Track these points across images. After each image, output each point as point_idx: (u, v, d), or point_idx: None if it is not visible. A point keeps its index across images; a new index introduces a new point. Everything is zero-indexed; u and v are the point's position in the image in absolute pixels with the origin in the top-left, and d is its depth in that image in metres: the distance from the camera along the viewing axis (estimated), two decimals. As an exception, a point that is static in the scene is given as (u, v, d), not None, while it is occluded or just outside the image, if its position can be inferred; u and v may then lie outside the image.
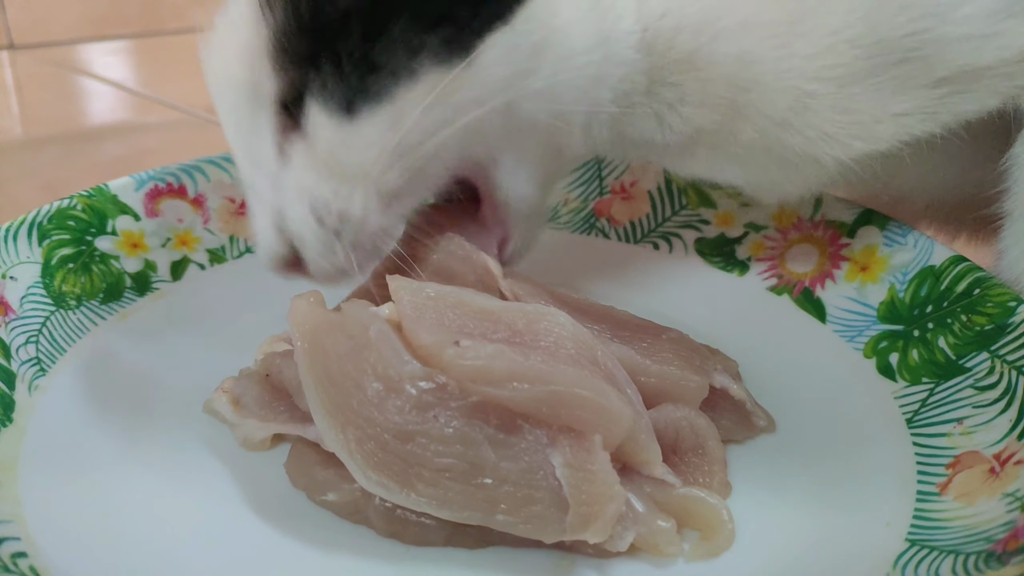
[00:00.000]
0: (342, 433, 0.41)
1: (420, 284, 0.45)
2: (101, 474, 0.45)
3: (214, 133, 1.09)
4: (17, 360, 0.50)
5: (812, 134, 0.48)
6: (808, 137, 0.48)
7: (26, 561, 0.38)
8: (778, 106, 0.47)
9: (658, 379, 0.46)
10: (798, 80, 0.46)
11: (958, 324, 0.50)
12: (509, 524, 0.39)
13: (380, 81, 0.42)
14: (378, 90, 0.42)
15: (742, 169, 0.52)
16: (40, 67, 1.41)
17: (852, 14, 0.45)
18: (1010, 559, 0.35)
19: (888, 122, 0.47)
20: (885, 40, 0.45)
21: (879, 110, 0.47)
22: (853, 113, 0.47)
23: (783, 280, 0.61)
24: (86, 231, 0.59)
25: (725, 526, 0.41)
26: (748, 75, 0.47)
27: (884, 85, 0.46)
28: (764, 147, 0.49)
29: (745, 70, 0.47)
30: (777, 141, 0.49)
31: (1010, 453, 0.42)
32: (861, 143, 0.48)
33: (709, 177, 0.55)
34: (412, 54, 0.41)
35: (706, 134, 0.50)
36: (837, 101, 0.46)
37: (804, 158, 0.49)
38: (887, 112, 0.47)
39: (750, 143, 0.49)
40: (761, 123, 0.48)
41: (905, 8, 0.44)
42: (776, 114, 0.47)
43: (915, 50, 0.45)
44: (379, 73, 0.42)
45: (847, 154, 0.48)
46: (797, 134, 0.48)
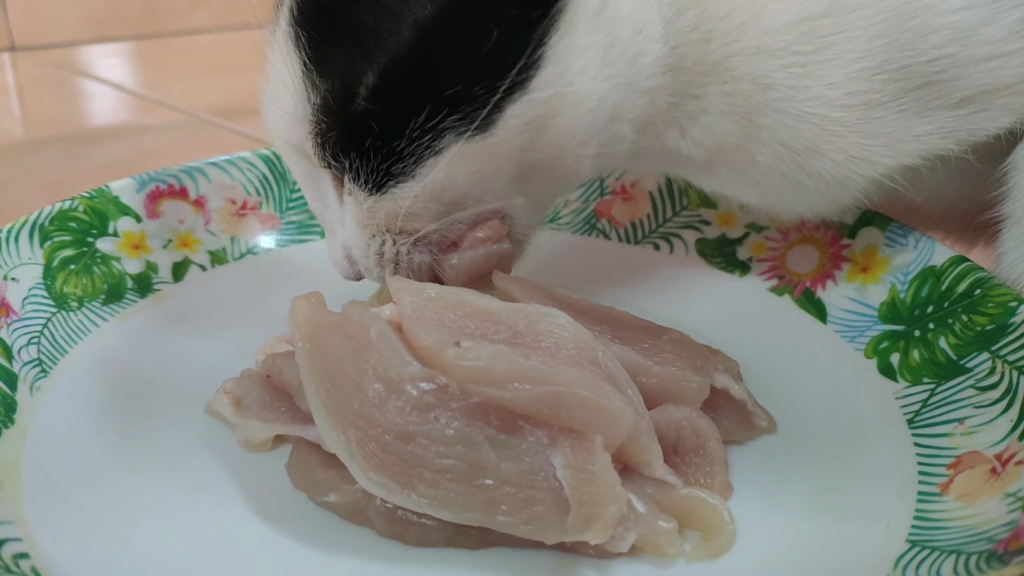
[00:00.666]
0: (343, 434, 0.41)
1: (421, 285, 0.46)
2: (102, 475, 0.45)
3: (215, 135, 1.10)
4: (19, 361, 0.50)
5: (840, 158, 0.48)
6: (836, 161, 0.48)
7: (28, 562, 0.38)
8: (801, 135, 0.47)
9: (659, 380, 0.46)
10: (823, 109, 0.46)
11: (959, 324, 0.50)
12: (510, 525, 0.39)
13: (405, 166, 0.44)
14: (404, 172, 0.44)
15: (759, 192, 0.53)
16: (41, 69, 1.41)
17: (875, 41, 0.45)
18: (1012, 559, 0.35)
19: (911, 141, 0.48)
20: (909, 66, 0.45)
21: (903, 131, 0.47)
22: (879, 136, 0.47)
23: (784, 280, 0.61)
24: (87, 232, 0.59)
25: (726, 527, 0.41)
26: (763, 99, 0.47)
27: (907, 107, 0.46)
28: (779, 171, 0.50)
29: (760, 93, 0.47)
30: (798, 167, 0.49)
31: (1011, 453, 0.42)
32: (887, 160, 0.48)
33: (731, 196, 0.56)
34: (435, 139, 0.43)
35: (726, 152, 0.50)
36: (863, 126, 0.47)
37: (830, 181, 0.49)
38: (911, 133, 0.47)
39: (766, 166, 0.50)
40: (776, 149, 0.48)
41: (928, 34, 0.45)
42: (798, 143, 0.48)
43: (938, 73, 0.45)
44: (405, 161, 0.44)
45: (875, 171, 0.49)
46: (824, 159, 0.48)
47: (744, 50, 0.46)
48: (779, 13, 0.45)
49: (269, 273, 0.64)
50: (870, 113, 0.46)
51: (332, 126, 0.45)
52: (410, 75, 0.43)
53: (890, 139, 0.47)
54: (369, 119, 0.43)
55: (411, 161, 0.44)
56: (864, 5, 0.45)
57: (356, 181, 0.46)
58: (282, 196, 0.68)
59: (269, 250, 0.66)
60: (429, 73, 0.43)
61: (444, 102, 0.42)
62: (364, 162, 0.45)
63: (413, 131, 0.43)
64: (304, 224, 0.68)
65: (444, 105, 0.42)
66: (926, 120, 0.47)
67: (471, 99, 0.43)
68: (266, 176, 0.67)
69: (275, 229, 0.67)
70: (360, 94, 0.43)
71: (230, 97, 1.25)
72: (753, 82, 0.47)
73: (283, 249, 0.66)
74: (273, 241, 0.66)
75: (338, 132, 0.45)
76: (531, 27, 0.42)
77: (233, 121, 1.13)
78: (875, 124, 0.47)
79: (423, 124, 0.43)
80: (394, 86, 0.43)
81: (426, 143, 0.43)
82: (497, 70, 0.42)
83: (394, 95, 0.43)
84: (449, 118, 0.43)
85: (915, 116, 0.47)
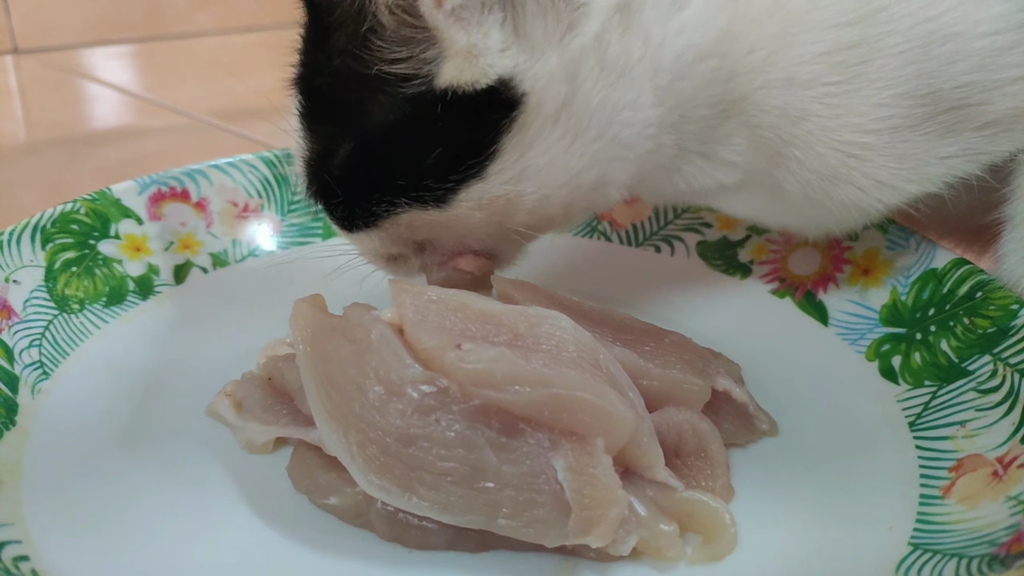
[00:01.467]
0: (344, 436, 0.41)
1: (422, 288, 0.46)
2: (103, 477, 0.45)
3: (217, 137, 1.10)
4: (20, 363, 0.50)
5: (866, 183, 0.48)
6: (860, 187, 0.48)
7: (28, 564, 0.38)
8: (828, 162, 0.47)
9: (660, 382, 0.46)
10: (853, 135, 0.46)
11: (960, 327, 0.50)
12: (511, 528, 0.39)
13: (368, 219, 0.48)
14: (367, 223, 0.49)
15: (781, 216, 0.53)
16: (44, 71, 1.41)
17: (905, 68, 0.45)
18: (1013, 562, 0.35)
19: (936, 164, 0.48)
20: (937, 92, 0.45)
21: (928, 154, 0.47)
22: (905, 159, 0.47)
23: (785, 283, 0.61)
24: (89, 235, 0.59)
25: (727, 530, 0.41)
26: (794, 131, 0.47)
27: (932, 130, 0.46)
28: (806, 198, 0.49)
29: (791, 125, 0.47)
30: (823, 193, 0.49)
31: (1013, 456, 0.42)
32: (912, 186, 0.48)
33: (748, 220, 0.57)
34: (394, 206, 0.47)
35: (746, 184, 0.50)
36: (890, 149, 0.47)
37: (851, 208, 0.49)
38: (936, 155, 0.47)
39: (792, 194, 0.50)
40: (806, 178, 0.48)
41: (957, 61, 0.45)
42: (825, 169, 0.48)
43: (965, 99, 0.46)
44: (368, 215, 0.48)
45: (899, 199, 0.49)
46: (848, 185, 0.48)
47: (772, 83, 0.46)
48: (811, 44, 0.45)
49: (270, 275, 0.64)
50: (897, 136, 0.46)
51: (314, 177, 0.49)
52: (371, 160, 0.47)
53: (916, 162, 0.47)
54: (337, 183, 0.48)
55: (373, 217, 0.48)
56: (893, 32, 0.44)
57: (332, 218, 0.51)
58: (283, 199, 0.68)
59: (270, 252, 0.66)
60: (387, 162, 0.46)
61: (401, 186, 0.46)
62: (334, 209, 0.49)
63: (374, 198, 0.47)
64: (305, 227, 0.68)
65: (401, 187, 0.46)
66: (950, 142, 0.47)
67: (426, 186, 0.46)
68: (268, 179, 0.67)
69: (276, 232, 0.67)
70: (333, 161, 0.48)
71: (232, 100, 1.25)
72: (783, 115, 0.46)
73: (284, 251, 0.66)
74: (274, 243, 0.67)
75: (317, 183, 0.49)
76: (486, 126, 0.45)
77: (235, 124, 1.13)
78: (902, 147, 0.47)
79: (382, 196, 0.47)
80: (357, 166, 0.47)
81: (385, 208, 0.47)
82: (451, 163, 0.45)
83: (358, 171, 0.48)
84: (406, 195, 0.46)
85: (939, 138, 0.47)
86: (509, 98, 0.44)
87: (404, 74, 0.44)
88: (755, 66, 0.46)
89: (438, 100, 0.44)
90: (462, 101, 0.44)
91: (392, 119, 0.45)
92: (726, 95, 0.47)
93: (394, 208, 0.47)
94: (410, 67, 0.44)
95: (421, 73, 0.44)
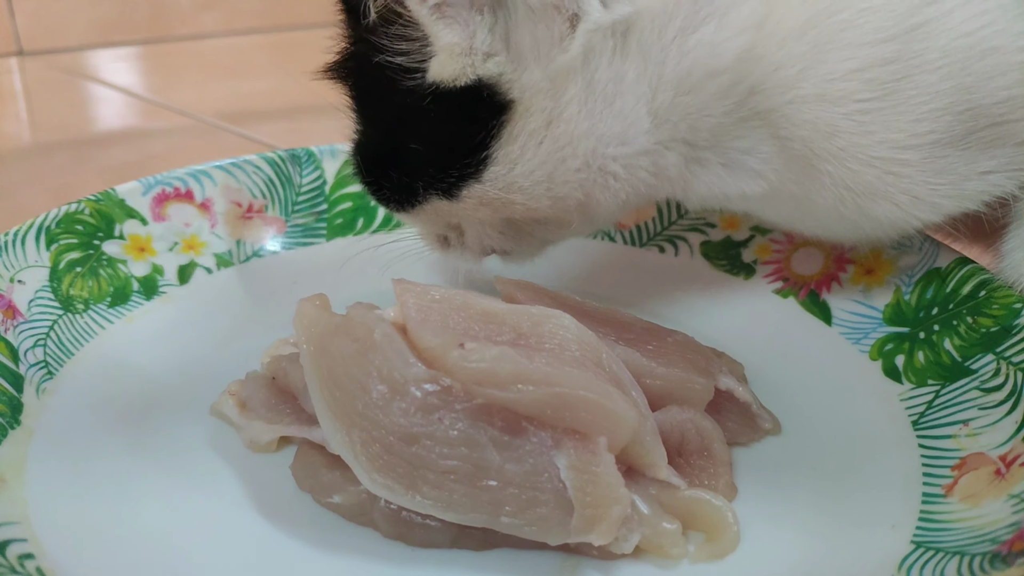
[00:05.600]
0: (347, 435, 0.41)
1: (425, 287, 0.46)
2: (108, 476, 0.45)
3: (222, 139, 1.10)
4: (25, 363, 0.50)
5: (903, 199, 0.47)
6: (897, 203, 0.47)
7: (33, 563, 0.38)
8: (863, 178, 0.46)
9: (663, 381, 0.46)
10: (889, 152, 0.45)
11: (964, 326, 0.50)
12: (514, 526, 0.39)
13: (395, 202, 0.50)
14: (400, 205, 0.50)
15: (810, 225, 0.53)
16: (49, 73, 1.42)
17: (942, 84, 0.44)
18: (1015, 560, 0.35)
19: (976, 180, 0.47)
20: (976, 108, 0.45)
21: (968, 169, 0.46)
22: (944, 175, 0.46)
23: (789, 283, 0.61)
24: (94, 235, 0.60)
25: (730, 528, 0.41)
26: (826, 146, 0.46)
27: (973, 146, 0.46)
28: (838, 212, 0.49)
29: (823, 140, 0.46)
30: (857, 209, 0.48)
31: (1016, 455, 0.42)
32: (951, 202, 0.47)
33: (790, 229, 0.57)
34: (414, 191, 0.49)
35: (774, 194, 0.50)
36: (929, 164, 0.46)
37: (887, 225, 0.49)
38: (975, 171, 0.47)
39: (823, 207, 0.49)
40: (838, 193, 0.47)
41: (996, 75, 0.44)
42: (859, 185, 0.47)
43: (1007, 114, 0.45)
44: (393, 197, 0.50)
45: (937, 215, 0.48)
46: (884, 201, 0.47)
47: (804, 98, 0.45)
48: (844, 60, 0.44)
49: (274, 276, 0.64)
50: (936, 151, 0.45)
51: (352, 156, 0.52)
52: (387, 147, 0.49)
53: (955, 177, 0.46)
54: (367, 165, 0.51)
55: (397, 200, 0.50)
56: (930, 49, 0.44)
57: (373, 196, 0.52)
58: (288, 199, 0.68)
59: (275, 253, 0.66)
60: (399, 150, 0.48)
61: (414, 174, 0.48)
62: (371, 188, 0.51)
63: (394, 183, 0.49)
64: (309, 227, 0.68)
65: (415, 175, 0.48)
66: (989, 156, 0.46)
67: (433, 177, 0.47)
68: (272, 179, 0.68)
69: (280, 232, 0.67)
70: (363, 142, 0.51)
71: (236, 101, 1.25)
72: (815, 129, 0.46)
73: (288, 252, 0.66)
74: (279, 244, 0.67)
75: (355, 162, 0.52)
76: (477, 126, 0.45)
77: (239, 125, 1.14)
78: (941, 163, 0.46)
79: (400, 181, 0.49)
80: (379, 150, 0.50)
81: (406, 193, 0.49)
82: (450, 159, 0.47)
83: (377, 156, 0.50)
84: (419, 182, 0.48)
85: (979, 153, 0.46)
86: (497, 102, 0.44)
87: (406, 66, 0.45)
88: (784, 82, 0.45)
89: (429, 94, 0.44)
90: (450, 98, 0.44)
91: (396, 109, 0.47)
92: (746, 106, 0.46)
93: (415, 194, 0.48)
94: (410, 60, 0.45)
95: (422, 67, 0.45)
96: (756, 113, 0.46)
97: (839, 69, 0.44)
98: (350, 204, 0.69)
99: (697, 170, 0.49)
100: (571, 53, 0.44)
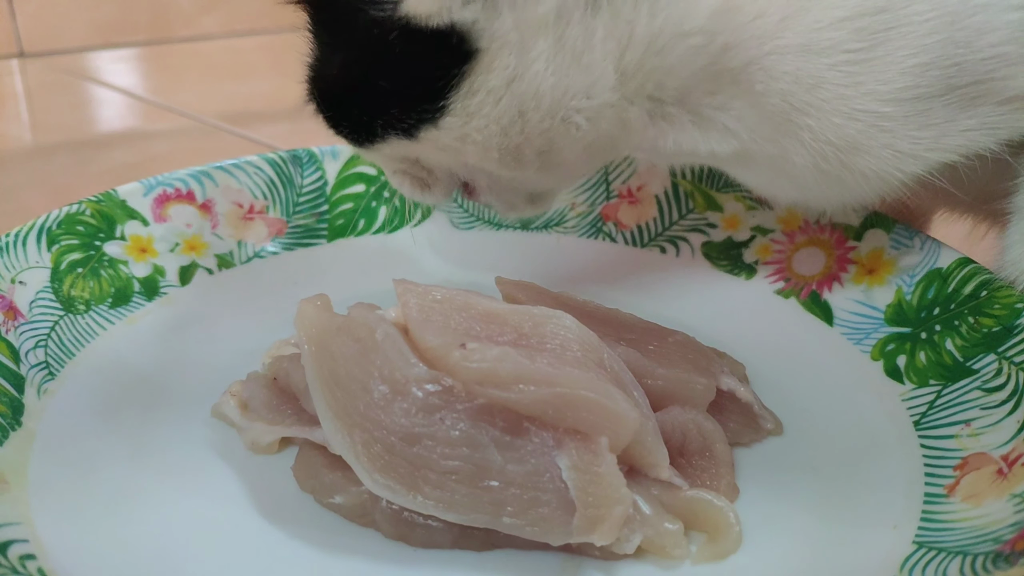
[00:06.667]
0: (349, 436, 0.41)
1: (426, 287, 0.46)
2: (109, 477, 0.45)
3: (223, 140, 1.10)
4: (26, 364, 0.50)
5: (886, 153, 0.46)
6: (880, 156, 0.47)
7: (34, 563, 0.38)
8: (845, 132, 0.46)
9: (665, 382, 0.46)
10: (873, 104, 0.45)
11: (965, 326, 0.50)
12: (516, 526, 0.39)
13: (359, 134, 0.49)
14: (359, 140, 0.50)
15: (788, 188, 0.52)
16: (50, 75, 1.42)
17: (930, 37, 0.44)
18: (1018, 559, 0.35)
19: (956, 136, 0.46)
20: (962, 63, 0.44)
21: (949, 125, 0.46)
22: (926, 128, 0.46)
23: (790, 283, 0.61)
24: (95, 236, 0.60)
25: (732, 528, 0.41)
26: (807, 98, 0.45)
27: (955, 102, 0.45)
28: (818, 169, 0.48)
29: (805, 93, 0.45)
30: (839, 164, 0.47)
31: (1018, 454, 0.42)
32: (932, 155, 0.47)
33: (763, 193, 0.56)
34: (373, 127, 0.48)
35: (749, 152, 0.49)
36: (912, 119, 0.46)
37: (872, 177, 0.48)
38: (956, 127, 0.46)
39: (802, 165, 0.48)
40: (818, 148, 0.47)
41: (985, 32, 0.44)
42: (841, 140, 0.46)
43: (990, 72, 0.45)
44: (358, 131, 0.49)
45: (919, 168, 0.48)
46: (867, 155, 0.47)
47: (785, 48, 0.44)
48: (831, 8, 0.43)
49: (275, 276, 0.64)
50: (919, 105, 0.45)
51: (309, 85, 0.50)
52: (347, 77, 0.48)
53: (936, 132, 0.46)
54: (324, 95, 0.49)
55: (355, 136, 0.49)
56: (920, 0, 0.43)
57: (332, 128, 0.51)
58: (288, 200, 0.68)
59: (275, 254, 0.66)
60: (359, 83, 0.47)
61: (373, 109, 0.47)
62: (330, 120, 0.50)
63: (352, 119, 0.49)
64: (310, 228, 0.68)
65: (374, 110, 0.47)
66: (971, 114, 0.46)
67: (392, 115, 0.47)
68: (272, 180, 0.68)
69: (281, 233, 0.67)
70: (322, 71, 0.49)
71: (237, 102, 1.25)
72: (796, 81, 0.45)
73: (289, 253, 0.66)
74: (279, 245, 0.67)
75: (311, 92, 0.50)
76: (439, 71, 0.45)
77: (240, 126, 1.14)
78: (923, 118, 0.45)
79: (358, 117, 0.48)
80: (338, 80, 0.48)
81: (364, 129, 0.49)
82: (409, 100, 0.46)
83: (335, 88, 0.49)
84: (377, 120, 0.47)
85: (960, 111, 0.46)
86: (464, 50, 0.44)
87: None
88: (763, 32, 0.44)
89: (397, 28, 0.44)
90: (416, 38, 0.44)
91: (359, 39, 0.46)
92: (719, 63, 0.45)
93: (374, 132, 0.48)
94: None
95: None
96: (729, 70, 0.46)
97: (826, 17, 0.44)
98: (351, 205, 0.69)
99: (664, 126, 0.48)
100: (546, 6, 0.43)
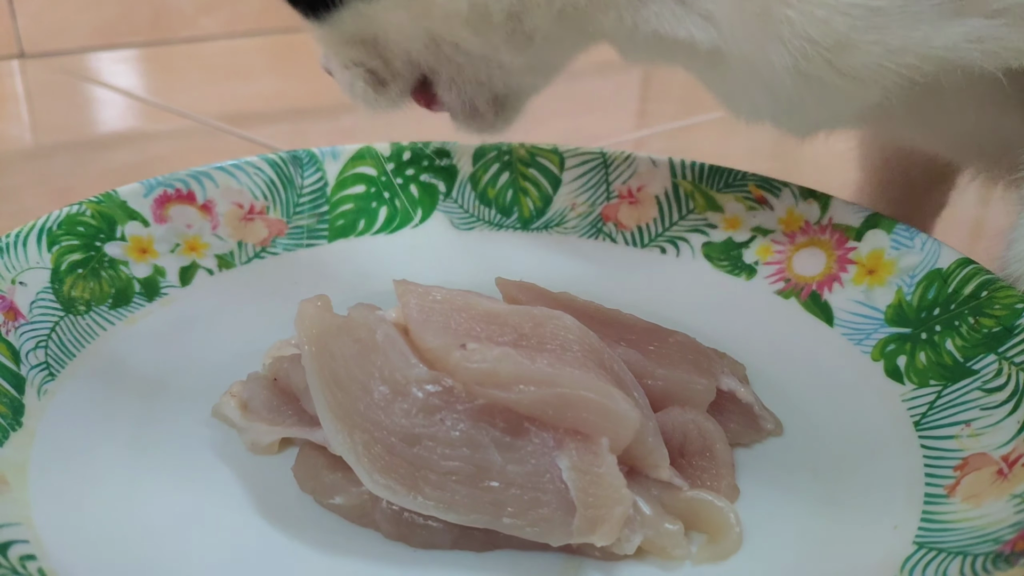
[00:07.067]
0: (349, 436, 0.41)
1: (427, 288, 0.46)
2: (109, 477, 0.45)
3: (224, 141, 1.11)
4: (27, 364, 0.50)
5: (877, 49, 0.44)
6: (871, 52, 0.45)
7: (35, 564, 0.38)
8: (834, 28, 0.44)
9: (665, 382, 0.46)
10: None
11: (965, 326, 0.50)
12: (516, 527, 0.39)
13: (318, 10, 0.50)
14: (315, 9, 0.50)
15: (773, 99, 0.49)
16: (50, 75, 1.42)
17: None
18: (1018, 560, 0.35)
19: (945, 39, 0.44)
20: None
21: (935, 31, 0.44)
22: (916, 28, 0.44)
23: (790, 284, 0.61)
24: (95, 237, 0.60)
25: (732, 529, 0.41)
26: None
27: (944, 8, 0.44)
28: (799, 72, 0.46)
29: None
30: (825, 64, 0.45)
31: (1018, 455, 0.42)
32: (924, 61, 0.45)
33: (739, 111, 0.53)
34: None
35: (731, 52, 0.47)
36: (901, 17, 0.44)
37: (864, 76, 0.46)
38: (942, 32, 0.44)
39: (782, 68, 0.46)
40: (799, 47, 0.44)
41: None
42: (829, 38, 0.44)
43: None
44: None
45: (910, 61, 0.45)
46: (856, 51, 0.44)
47: None
48: None
49: (276, 277, 0.64)
50: (911, 6, 0.43)
51: None
52: None
53: (926, 32, 0.44)
54: None
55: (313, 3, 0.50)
56: None
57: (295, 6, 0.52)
58: (289, 200, 0.68)
59: (276, 254, 0.66)
60: None
61: None
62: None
63: None
64: (311, 228, 0.68)
65: None
66: (957, 23, 0.44)
67: None
68: (273, 180, 0.68)
69: (282, 234, 0.67)
70: None
71: (238, 103, 1.25)
72: None
73: (290, 253, 0.67)
74: (280, 245, 0.67)
75: None
76: None
77: (241, 127, 1.14)
78: (912, 18, 0.44)
79: None
80: None
81: None
82: None
83: None
84: None
85: (948, 18, 0.44)
86: None
87: None
88: None
89: None
90: None
91: None
92: None
93: None
94: None
95: None
96: None
97: None
98: (352, 205, 0.69)
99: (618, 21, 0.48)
100: None
